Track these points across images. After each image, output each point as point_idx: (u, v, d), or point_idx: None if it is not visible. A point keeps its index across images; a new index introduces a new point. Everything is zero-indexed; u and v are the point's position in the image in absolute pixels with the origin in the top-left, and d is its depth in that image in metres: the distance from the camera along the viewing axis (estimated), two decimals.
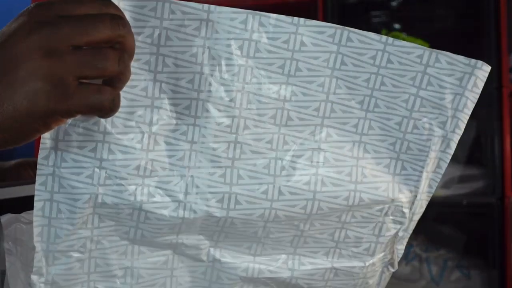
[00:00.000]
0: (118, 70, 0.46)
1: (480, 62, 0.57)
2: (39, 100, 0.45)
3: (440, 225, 2.06)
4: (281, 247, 0.58)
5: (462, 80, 0.56)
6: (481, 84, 0.57)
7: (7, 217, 0.57)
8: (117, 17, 0.46)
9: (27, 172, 0.86)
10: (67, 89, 0.45)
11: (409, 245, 1.98)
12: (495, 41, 1.88)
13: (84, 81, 0.46)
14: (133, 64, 0.51)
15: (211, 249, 0.57)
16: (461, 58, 0.56)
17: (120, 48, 0.47)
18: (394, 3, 2.07)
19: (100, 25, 0.45)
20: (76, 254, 0.53)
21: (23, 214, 0.58)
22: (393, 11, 2.07)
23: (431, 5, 2.05)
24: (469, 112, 0.58)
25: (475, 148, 2.02)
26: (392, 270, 0.62)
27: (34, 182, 0.74)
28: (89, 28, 0.45)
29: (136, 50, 0.50)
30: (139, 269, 0.56)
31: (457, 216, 2.04)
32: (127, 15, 0.49)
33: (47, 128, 0.47)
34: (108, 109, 0.47)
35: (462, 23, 2.05)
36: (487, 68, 0.57)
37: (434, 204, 2.01)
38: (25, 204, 0.55)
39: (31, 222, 0.58)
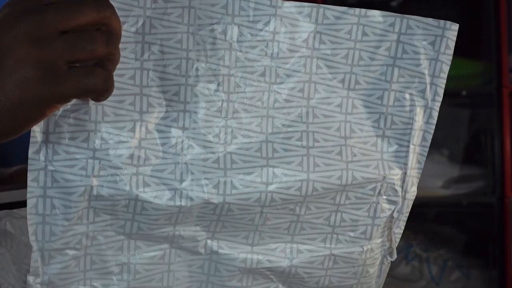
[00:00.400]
0: (107, 51, 0.46)
1: (448, 23, 0.57)
2: (31, 87, 0.45)
3: (440, 225, 2.06)
4: (278, 235, 0.58)
5: (434, 44, 0.57)
6: (452, 44, 0.58)
7: None
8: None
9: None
10: (58, 74, 0.45)
11: (409, 245, 1.98)
12: (495, 41, 1.88)
13: (75, 65, 0.46)
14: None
15: (208, 241, 0.56)
16: (430, 20, 0.57)
17: (106, 30, 0.47)
18: (394, 3, 2.07)
19: (85, 8, 0.45)
20: (71, 252, 0.52)
21: (15, 210, 0.57)
22: (393, 11, 2.06)
23: (431, 5, 2.05)
24: (445, 76, 0.58)
25: (475, 148, 2.02)
26: (391, 259, 0.62)
27: None
28: (74, 12, 0.45)
29: (122, 39, 0.50)
30: (135, 264, 0.55)
31: (457, 216, 2.04)
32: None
33: (42, 115, 0.47)
34: (102, 90, 0.46)
35: (462, 23, 2.05)
36: (455, 26, 0.58)
37: (434, 204, 2.02)
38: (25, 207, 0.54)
39: (22, 217, 0.57)
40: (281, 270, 0.58)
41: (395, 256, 0.62)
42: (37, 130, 0.50)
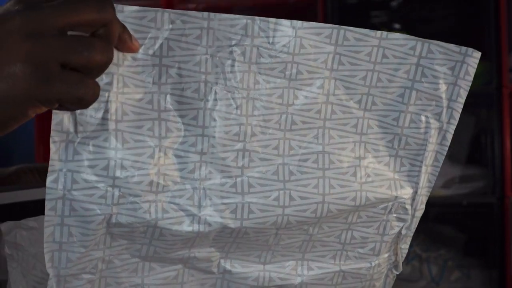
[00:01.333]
0: (104, 60, 0.44)
1: (470, 50, 0.57)
2: (17, 82, 0.43)
3: (440, 225, 2.06)
4: (290, 253, 0.58)
5: (454, 69, 0.57)
6: (472, 71, 0.57)
7: (7, 224, 0.57)
8: (104, 1, 0.44)
9: (26, 177, 0.86)
10: (49, 74, 0.43)
11: (409, 245, 1.98)
12: (495, 41, 1.88)
13: (66, 69, 0.44)
14: (136, 76, 0.50)
15: (222, 261, 0.57)
16: (452, 46, 0.57)
17: (105, 34, 0.45)
18: (394, 3, 2.07)
19: (85, 7, 0.44)
20: (87, 276, 0.52)
21: (23, 221, 0.57)
22: (393, 11, 2.07)
23: (431, 5, 2.06)
24: (463, 101, 0.58)
25: (475, 148, 2.02)
26: (396, 273, 0.63)
27: (33, 187, 0.72)
28: (72, 10, 0.43)
29: (139, 63, 0.50)
30: (149, 285, 0.55)
31: (457, 216, 2.04)
32: (128, 27, 0.49)
33: (24, 116, 0.45)
34: (90, 101, 0.44)
35: (462, 23, 2.06)
36: (477, 54, 0.57)
37: (434, 204, 2.02)
38: (24, 208, 0.54)
39: (31, 228, 0.57)
40: (292, 287, 0.59)
41: (400, 269, 0.63)
42: (55, 158, 0.50)
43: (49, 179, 0.50)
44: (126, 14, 0.49)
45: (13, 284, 0.56)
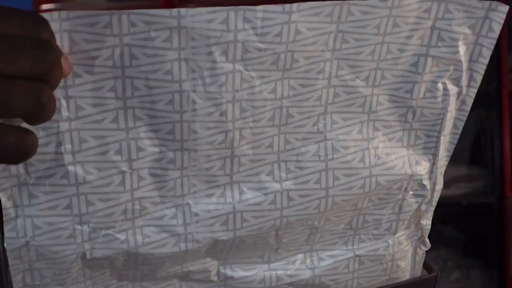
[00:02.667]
0: (33, 108, 0.37)
1: (495, 3, 0.49)
2: None
3: (440, 225, 2.06)
4: (295, 247, 0.53)
5: (475, 27, 0.49)
6: (497, 28, 0.49)
7: None
8: (44, 46, 0.36)
9: None
10: None
11: None
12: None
13: None
14: (94, 94, 0.43)
15: (221, 268, 0.52)
16: (473, 2, 0.49)
17: (48, 81, 0.37)
18: None
19: (18, 54, 0.35)
20: None
21: None
22: None
23: None
24: (486, 62, 0.50)
25: (475, 148, 2.02)
26: (425, 249, 0.58)
27: None
28: (2, 55, 0.35)
29: (96, 77, 0.42)
30: None
31: (457, 216, 2.04)
32: (77, 37, 0.41)
33: None
34: (15, 154, 0.36)
35: None
36: (504, 8, 0.49)
37: None
38: None
39: None
40: (303, 283, 0.54)
41: (428, 245, 0.58)
42: (9, 206, 0.44)
43: (7, 228, 0.44)
44: (73, 22, 0.40)
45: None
